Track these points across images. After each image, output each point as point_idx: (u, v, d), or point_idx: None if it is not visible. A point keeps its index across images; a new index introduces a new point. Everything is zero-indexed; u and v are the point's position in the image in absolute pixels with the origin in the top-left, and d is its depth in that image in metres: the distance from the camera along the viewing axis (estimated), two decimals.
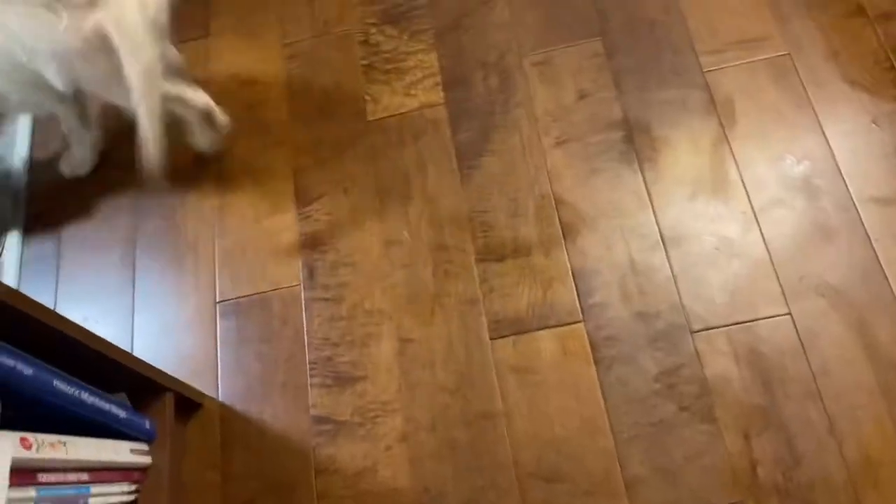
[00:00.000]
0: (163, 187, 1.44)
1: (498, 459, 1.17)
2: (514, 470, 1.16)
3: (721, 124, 1.33)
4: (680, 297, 1.22)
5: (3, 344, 0.87)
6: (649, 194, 1.31)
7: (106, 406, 1.05)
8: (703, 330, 1.19)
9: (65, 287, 1.44)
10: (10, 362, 0.87)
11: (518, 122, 1.41)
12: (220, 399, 1.29)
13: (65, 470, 0.96)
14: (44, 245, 1.47)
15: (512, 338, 1.24)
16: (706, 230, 1.26)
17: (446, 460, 1.18)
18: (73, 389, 0.98)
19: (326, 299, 1.33)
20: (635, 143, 1.35)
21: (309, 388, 1.27)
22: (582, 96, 1.41)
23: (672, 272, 1.24)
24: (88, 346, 1.02)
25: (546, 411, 1.18)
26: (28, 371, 0.90)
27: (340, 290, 1.33)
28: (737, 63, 1.38)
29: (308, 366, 1.28)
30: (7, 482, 0.81)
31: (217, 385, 1.30)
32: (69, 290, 1.44)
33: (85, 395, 1.01)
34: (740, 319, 1.19)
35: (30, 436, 0.89)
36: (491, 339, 1.24)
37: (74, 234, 1.48)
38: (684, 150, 1.33)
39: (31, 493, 0.88)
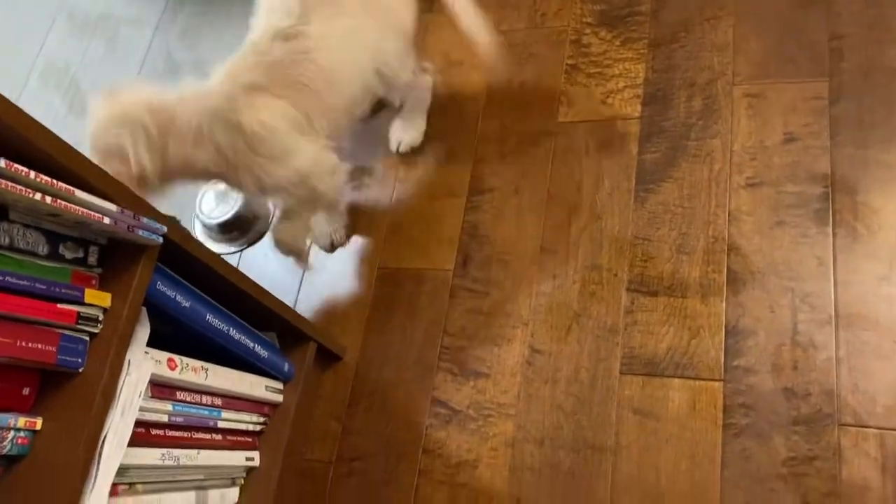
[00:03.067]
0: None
1: (595, 495, 1.15)
2: None
3: None
4: (837, 384, 1.10)
5: (169, 274, 1.00)
6: (835, 263, 1.18)
7: (251, 344, 1.17)
8: (852, 426, 1.07)
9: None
10: (171, 293, 0.99)
11: (711, 153, 1.32)
12: (359, 357, 1.38)
13: (201, 392, 1.09)
14: None
15: (643, 377, 1.20)
16: (889, 318, 1.12)
17: (545, 478, 1.18)
18: (223, 325, 1.11)
19: (472, 291, 1.36)
20: (835, 203, 1.22)
21: (437, 370, 1.32)
22: (789, 140, 1.29)
23: (836, 355, 1.12)
24: (251, 294, 1.13)
25: (656, 462, 1.14)
26: (186, 303, 1.02)
27: (488, 285, 1.35)
28: None
29: (440, 349, 1.33)
30: (145, 392, 0.94)
31: (360, 343, 1.40)
32: None
33: (233, 332, 1.13)
34: None
35: (177, 358, 1.02)
36: (621, 373, 1.21)
37: None
38: (890, 224, 1.18)
39: (167, 406, 1.02)
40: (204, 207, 1.59)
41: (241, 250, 1.57)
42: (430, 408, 1.29)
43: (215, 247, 1.59)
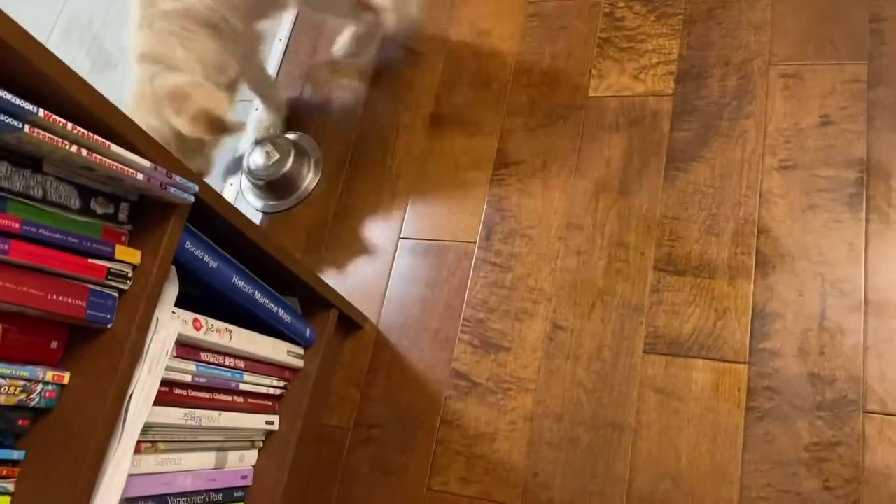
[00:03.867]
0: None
1: (613, 472, 1.15)
2: (625, 487, 1.13)
3: None
4: (864, 371, 1.09)
5: (198, 234, 0.99)
6: (866, 249, 1.16)
7: (274, 308, 1.17)
8: (877, 413, 1.06)
9: None
10: (198, 253, 0.99)
11: (744, 134, 1.30)
12: (379, 327, 1.38)
13: (225, 354, 1.09)
14: None
15: (666, 357, 1.19)
16: None
17: (563, 454, 1.18)
18: (249, 287, 1.10)
19: (495, 264, 1.35)
20: (869, 188, 1.20)
21: (457, 342, 1.31)
22: (824, 123, 1.27)
23: (864, 341, 1.11)
24: (276, 258, 1.13)
25: (677, 442, 1.13)
26: (213, 264, 1.02)
27: (510, 259, 1.34)
28: None
29: (461, 321, 1.33)
30: (173, 352, 0.94)
31: (380, 313, 1.39)
32: None
33: (258, 295, 1.13)
34: None
35: (202, 318, 1.02)
36: (644, 352, 1.20)
37: None
38: None
39: (191, 366, 1.02)
40: (252, 165, 1.58)
41: (289, 209, 1.56)
42: (450, 379, 1.29)
43: (262, 205, 1.59)
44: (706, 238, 1.25)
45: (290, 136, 1.64)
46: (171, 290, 0.93)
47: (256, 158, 1.58)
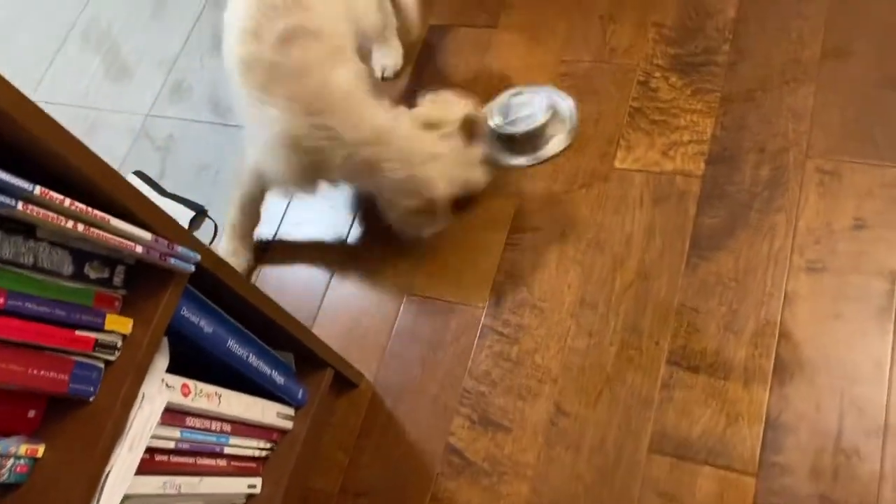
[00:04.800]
0: None
1: None
2: None
3: None
4: (878, 500, 1.04)
5: (197, 297, 0.94)
6: (892, 368, 1.11)
7: (268, 371, 1.12)
8: None
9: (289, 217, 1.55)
10: (194, 319, 0.94)
11: (774, 228, 1.25)
12: (376, 385, 1.33)
13: (212, 418, 1.04)
14: None
15: (671, 459, 1.14)
16: None
17: None
18: (244, 351, 1.05)
19: (502, 334, 1.30)
20: None
21: (455, 414, 1.26)
22: (859, 226, 1.21)
23: (882, 469, 1.06)
24: (276, 320, 1.08)
25: None
26: (209, 329, 0.97)
27: (518, 331, 1.29)
28: None
29: (462, 392, 1.27)
30: (158, 419, 0.89)
31: (377, 371, 1.34)
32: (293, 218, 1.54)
33: (253, 358, 1.08)
34: None
35: (191, 384, 0.97)
36: (650, 450, 1.15)
37: None
38: None
39: (176, 433, 0.97)
40: (497, 118, 1.46)
41: (531, 165, 1.45)
42: (444, 453, 1.24)
43: (502, 158, 1.47)
44: (724, 335, 1.20)
45: None
46: (162, 362, 0.88)
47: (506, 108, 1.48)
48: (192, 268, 0.85)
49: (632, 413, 1.18)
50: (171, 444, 0.97)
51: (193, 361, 0.99)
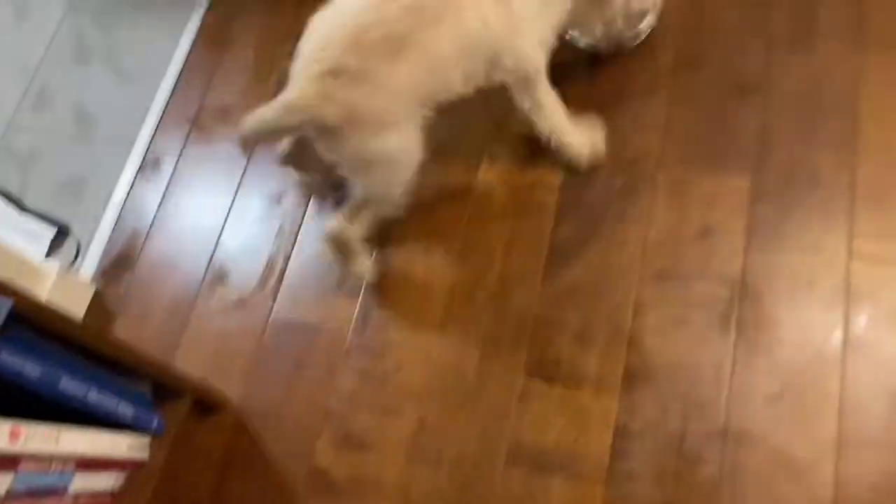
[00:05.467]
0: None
1: None
2: None
3: (845, 326, 1.15)
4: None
5: (18, 340, 0.91)
6: (732, 374, 1.16)
7: (114, 404, 1.09)
8: None
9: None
10: (18, 361, 0.91)
11: (625, 239, 1.29)
12: (241, 407, 1.31)
13: (51, 459, 1.01)
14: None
15: (526, 470, 1.16)
16: (775, 441, 1.11)
17: None
18: (80, 388, 1.02)
19: (367, 351, 1.30)
20: (740, 310, 1.20)
21: (320, 435, 1.26)
22: (704, 234, 1.26)
23: (720, 472, 1.10)
24: (115, 356, 1.05)
25: None
26: (35, 373, 0.94)
27: (384, 348, 1.30)
28: (892, 266, 1.17)
29: (326, 411, 1.27)
30: None
31: (243, 394, 1.32)
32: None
33: (93, 394, 1.05)
34: None
35: (23, 427, 0.94)
36: (506, 464, 1.17)
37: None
38: (791, 341, 1.16)
39: (8, 479, 0.93)
40: None
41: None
42: (308, 475, 1.24)
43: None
44: (578, 345, 1.23)
45: None
46: None
47: None
48: (3, 316, 0.82)
49: (490, 426, 1.20)
50: (3, 491, 0.93)
51: (33, 399, 0.96)
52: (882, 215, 1.21)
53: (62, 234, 1.54)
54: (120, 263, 1.50)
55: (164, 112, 1.67)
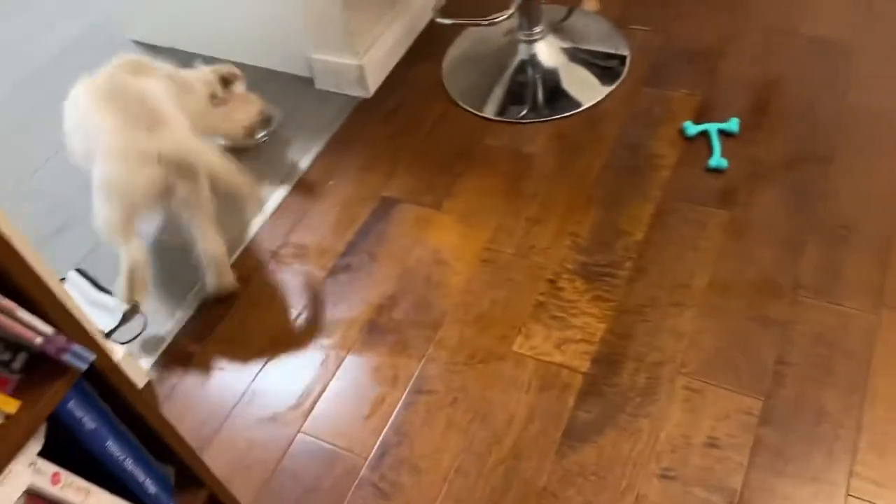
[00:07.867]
0: None
1: None
2: None
3: None
4: None
5: (87, 393, 1.03)
6: None
7: (142, 478, 1.18)
8: None
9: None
10: (79, 414, 1.03)
11: (638, 433, 1.37)
12: None
13: None
14: None
15: None
16: None
17: None
18: (121, 454, 1.13)
19: (378, 490, 1.37)
20: None
21: None
22: (711, 444, 1.33)
23: None
24: (159, 430, 1.16)
25: None
26: (91, 425, 1.05)
27: (394, 489, 1.37)
28: None
29: None
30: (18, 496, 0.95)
31: (252, 501, 1.39)
32: None
33: (129, 462, 1.15)
34: None
35: (63, 473, 1.04)
36: None
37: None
38: None
39: None
40: None
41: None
42: None
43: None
44: None
45: None
46: (34, 445, 0.96)
47: None
48: (85, 366, 0.95)
49: None
50: None
51: (75, 453, 1.07)
52: (883, 463, 1.27)
53: (132, 309, 1.69)
54: (177, 360, 1.64)
55: (250, 241, 1.87)
